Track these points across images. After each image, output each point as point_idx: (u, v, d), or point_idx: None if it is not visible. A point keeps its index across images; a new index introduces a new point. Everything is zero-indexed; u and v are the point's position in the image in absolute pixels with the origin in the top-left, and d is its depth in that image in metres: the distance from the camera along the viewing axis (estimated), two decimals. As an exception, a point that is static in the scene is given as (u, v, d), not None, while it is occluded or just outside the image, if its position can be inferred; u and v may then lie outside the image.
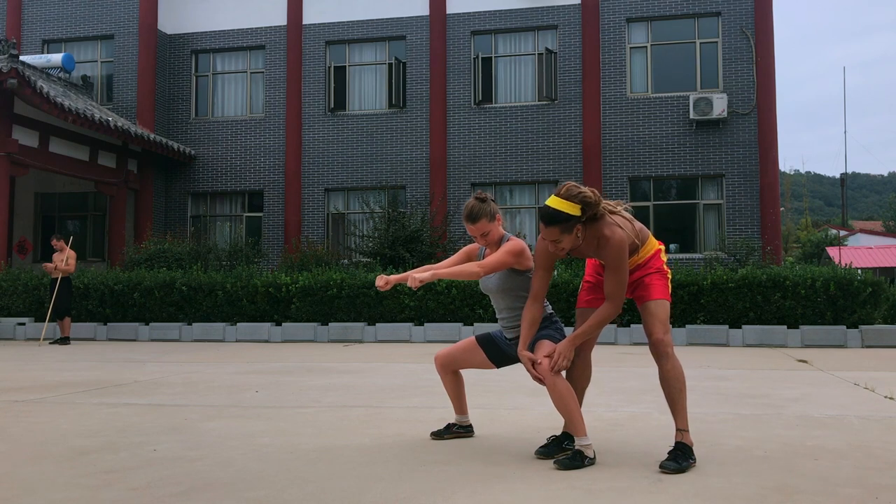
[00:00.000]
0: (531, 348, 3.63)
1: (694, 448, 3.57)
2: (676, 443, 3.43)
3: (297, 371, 7.71)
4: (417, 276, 3.52)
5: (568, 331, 11.80)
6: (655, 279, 3.59)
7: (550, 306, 3.88)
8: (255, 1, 18.91)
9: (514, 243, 3.70)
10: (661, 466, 3.32)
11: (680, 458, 3.35)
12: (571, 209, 3.37)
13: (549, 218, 3.39)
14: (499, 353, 3.92)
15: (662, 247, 3.72)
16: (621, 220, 3.53)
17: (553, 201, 3.39)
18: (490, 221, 3.73)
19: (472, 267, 3.62)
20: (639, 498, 2.91)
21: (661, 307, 3.52)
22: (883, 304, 11.79)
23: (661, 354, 3.47)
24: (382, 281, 3.65)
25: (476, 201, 3.73)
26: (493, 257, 3.65)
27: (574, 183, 3.45)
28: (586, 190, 3.40)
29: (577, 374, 3.77)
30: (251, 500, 2.90)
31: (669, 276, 3.67)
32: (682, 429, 3.46)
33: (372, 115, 18.13)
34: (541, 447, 3.66)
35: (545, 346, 3.60)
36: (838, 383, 6.47)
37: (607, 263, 3.45)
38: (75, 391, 6.14)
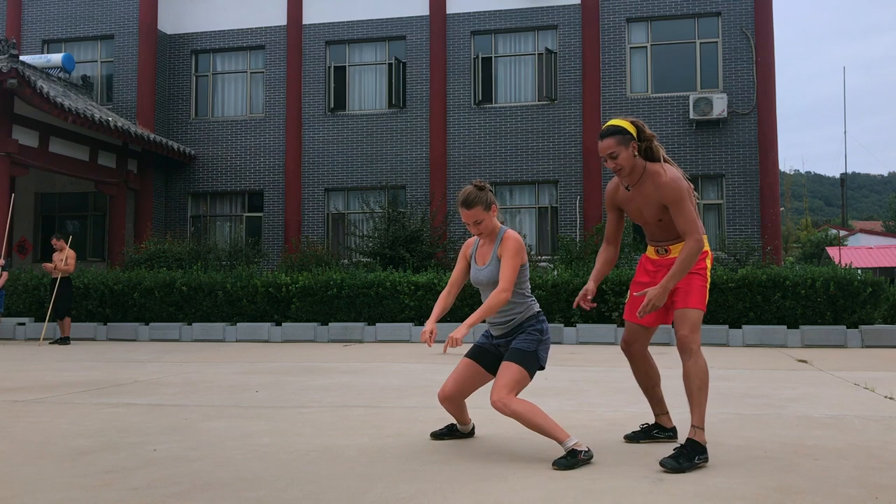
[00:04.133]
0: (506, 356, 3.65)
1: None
2: (687, 439, 3.38)
3: (297, 371, 7.71)
4: (457, 337, 3.45)
5: (571, 330, 11.79)
6: (695, 281, 3.54)
7: (537, 304, 3.84)
8: (255, 1, 18.91)
9: (514, 243, 3.66)
10: (660, 463, 3.30)
11: (682, 457, 3.29)
12: (628, 126, 3.53)
13: (607, 129, 3.53)
14: (492, 359, 3.84)
15: (711, 253, 3.69)
16: (680, 172, 3.55)
17: (611, 121, 3.57)
18: (485, 210, 3.70)
19: (498, 296, 3.57)
20: (639, 498, 2.91)
21: (693, 314, 3.49)
22: (883, 304, 11.79)
23: (685, 351, 3.45)
24: (426, 337, 3.64)
25: (473, 188, 3.71)
26: (506, 269, 3.62)
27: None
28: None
29: (643, 374, 3.84)
30: (251, 500, 2.90)
31: (709, 277, 3.62)
32: (696, 426, 3.40)
33: (372, 115, 18.13)
34: (630, 433, 3.88)
35: (507, 371, 3.55)
36: (838, 383, 6.47)
37: (671, 203, 3.45)
38: (75, 391, 6.14)
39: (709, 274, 3.61)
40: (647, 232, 3.75)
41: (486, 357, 3.85)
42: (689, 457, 3.30)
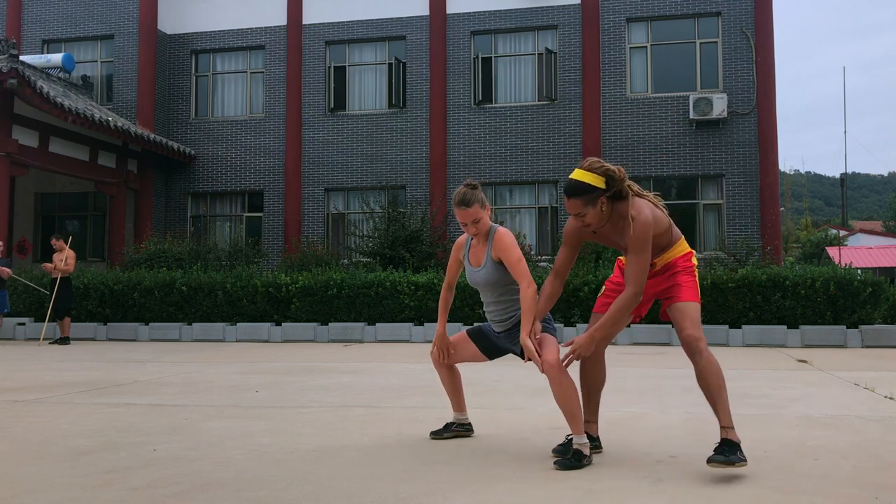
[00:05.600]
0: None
1: (700, 447, 3.55)
2: (722, 439, 3.23)
3: (297, 371, 7.71)
4: (534, 347, 3.49)
5: (571, 330, 11.79)
6: (685, 278, 3.47)
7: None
8: (255, 1, 18.91)
9: (508, 238, 3.67)
10: (708, 461, 3.13)
11: (727, 451, 3.16)
12: (595, 181, 3.31)
13: (572, 189, 3.32)
14: (490, 345, 3.93)
15: (693, 252, 3.61)
16: (650, 203, 3.41)
17: (576, 173, 3.34)
18: (482, 208, 3.70)
19: (527, 292, 3.54)
20: (639, 498, 2.91)
21: (691, 307, 3.39)
22: (883, 304, 11.79)
23: (693, 351, 3.32)
24: (439, 355, 3.83)
25: (467, 188, 3.70)
26: (516, 264, 3.62)
27: (597, 158, 3.40)
28: (611, 165, 3.35)
29: (592, 375, 3.70)
30: (251, 500, 2.90)
31: (697, 276, 3.55)
32: (726, 426, 3.26)
33: (372, 115, 18.13)
34: (558, 445, 3.67)
35: (549, 341, 3.56)
36: (838, 383, 6.47)
37: (630, 245, 3.32)
38: (75, 391, 6.14)
39: (696, 272, 3.55)
40: (622, 251, 3.62)
41: (484, 340, 3.95)
42: (731, 452, 3.16)
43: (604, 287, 3.73)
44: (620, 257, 3.74)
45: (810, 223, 59.23)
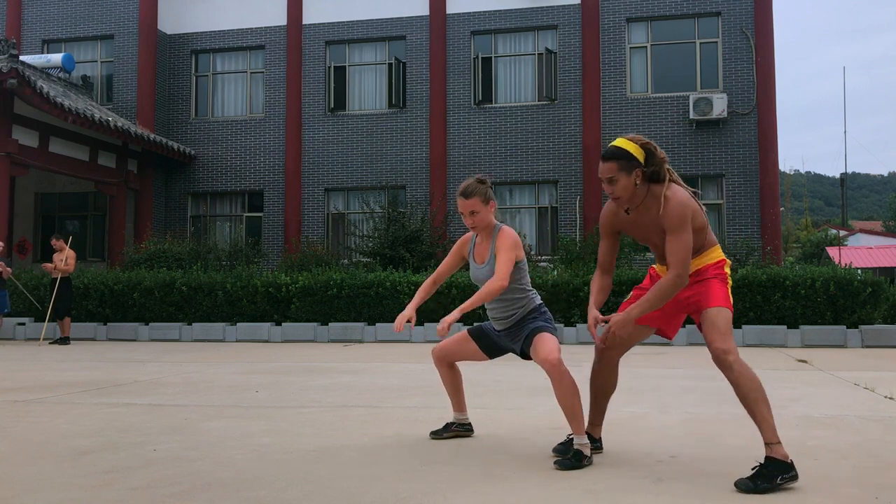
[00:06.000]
0: (529, 342, 3.63)
1: (700, 447, 3.53)
2: (766, 457, 3.01)
3: (297, 371, 7.71)
4: (448, 319, 3.47)
5: (571, 330, 11.79)
6: (715, 284, 3.26)
7: (539, 297, 3.85)
8: (255, 1, 18.92)
9: (511, 237, 3.68)
10: (735, 484, 2.98)
11: (760, 478, 2.93)
12: (635, 150, 3.22)
13: (609, 152, 3.22)
14: (490, 344, 3.92)
15: (728, 261, 3.44)
16: (688, 192, 3.28)
17: (618, 141, 3.26)
18: (483, 203, 3.70)
19: (491, 285, 3.55)
20: (639, 498, 2.91)
21: (721, 315, 3.16)
22: (883, 304, 11.79)
23: (724, 366, 3.09)
24: (401, 322, 3.67)
25: (474, 181, 3.73)
26: (502, 261, 3.61)
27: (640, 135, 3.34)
28: (655, 144, 3.27)
29: (603, 380, 3.65)
30: (251, 500, 2.90)
31: (730, 285, 3.37)
32: (770, 442, 3.02)
33: (372, 115, 18.13)
34: (559, 444, 3.63)
35: (549, 340, 3.56)
36: (838, 383, 6.47)
37: (667, 224, 3.16)
38: (75, 391, 6.14)
39: (730, 280, 3.38)
40: (655, 253, 3.48)
41: (485, 339, 3.94)
42: (769, 477, 2.93)
43: (631, 293, 3.63)
44: (653, 266, 3.59)
45: (810, 223, 59.25)
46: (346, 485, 3.12)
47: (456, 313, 3.48)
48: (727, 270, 3.36)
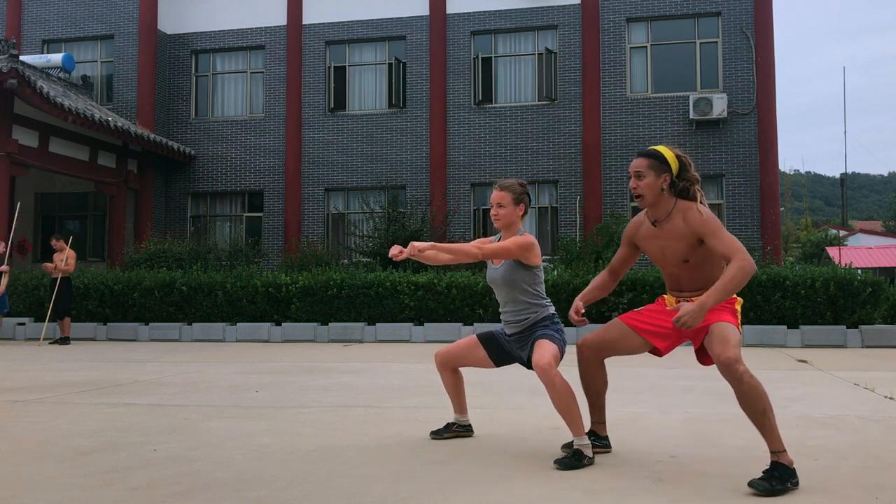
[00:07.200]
0: (531, 348, 3.63)
1: (700, 447, 3.54)
2: (772, 463, 3.03)
3: (297, 371, 7.71)
4: (418, 244, 3.49)
5: (571, 330, 11.79)
6: (725, 313, 3.27)
7: (553, 307, 3.85)
8: (255, 1, 18.91)
9: (524, 237, 3.70)
10: (749, 484, 2.98)
11: (774, 478, 2.96)
12: (670, 158, 3.37)
13: (645, 150, 3.39)
14: (500, 351, 3.91)
15: (740, 300, 3.44)
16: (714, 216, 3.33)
17: (659, 146, 3.41)
18: (514, 202, 3.76)
19: (470, 248, 3.57)
20: (639, 498, 2.91)
21: (729, 328, 3.16)
22: (883, 304, 11.79)
23: (731, 377, 3.03)
24: (397, 250, 3.58)
25: (515, 181, 3.83)
26: (498, 244, 3.64)
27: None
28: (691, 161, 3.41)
29: (592, 380, 3.67)
30: (251, 500, 2.90)
31: (740, 319, 3.36)
32: (776, 451, 3.04)
33: (372, 115, 18.13)
34: (566, 443, 3.63)
35: (544, 345, 3.58)
36: (838, 383, 6.47)
37: (708, 230, 3.21)
38: (75, 391, 6.14)
39: (739, 317, 3.37)
40: (667, 279, 3.49)
41: (494, 345, 3.92)
42: (782, 479, 2.97)
43: (641, 309, 3.60)
44: (664, 296, 3.57)
45: (810, 223, 59.23)
46: (346, 485, 3.13)
47: (427, 244, 3.50)
48: (738, 307, 3.39)
